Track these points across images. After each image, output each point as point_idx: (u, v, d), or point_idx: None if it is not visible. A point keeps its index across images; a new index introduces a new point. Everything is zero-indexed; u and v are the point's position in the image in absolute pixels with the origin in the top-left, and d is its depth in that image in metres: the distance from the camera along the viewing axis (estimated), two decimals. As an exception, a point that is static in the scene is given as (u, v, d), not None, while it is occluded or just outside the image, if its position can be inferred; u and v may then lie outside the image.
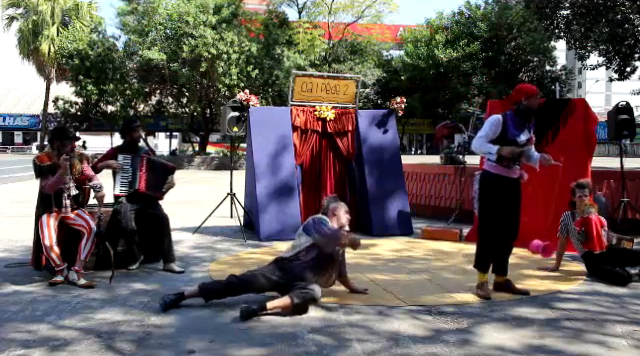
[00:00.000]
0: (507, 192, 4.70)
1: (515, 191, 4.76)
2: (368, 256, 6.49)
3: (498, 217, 4.70)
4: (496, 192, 4.70)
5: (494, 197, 4.71)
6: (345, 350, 3.53)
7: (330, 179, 8.29)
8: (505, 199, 4.70)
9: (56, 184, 5.08)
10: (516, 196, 4.77)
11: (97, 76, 31.03)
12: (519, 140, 4.67)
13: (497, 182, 4.70)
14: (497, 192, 4.70)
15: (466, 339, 3.72)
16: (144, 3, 30.45)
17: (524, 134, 4.71)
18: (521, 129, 4.69)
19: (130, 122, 6.05)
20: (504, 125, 4.65)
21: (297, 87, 8.17)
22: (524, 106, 4.65)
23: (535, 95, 4.69)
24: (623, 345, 3.62)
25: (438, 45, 38.10)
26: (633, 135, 7.99)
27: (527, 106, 4.65)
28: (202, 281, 5.27)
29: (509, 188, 4.71)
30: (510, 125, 4.66)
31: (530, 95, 4.66)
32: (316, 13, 36.57)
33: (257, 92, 26.77)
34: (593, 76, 53.74)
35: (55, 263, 5.05)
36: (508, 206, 4.72)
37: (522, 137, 4.69)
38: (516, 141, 4.65)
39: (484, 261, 4.83)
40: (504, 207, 4.70)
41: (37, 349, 3.53)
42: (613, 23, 16.48)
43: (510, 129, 4.65)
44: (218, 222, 8.37)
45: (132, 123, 5.99)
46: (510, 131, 4.65)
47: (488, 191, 4.75)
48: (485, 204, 4.77)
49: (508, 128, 4.65)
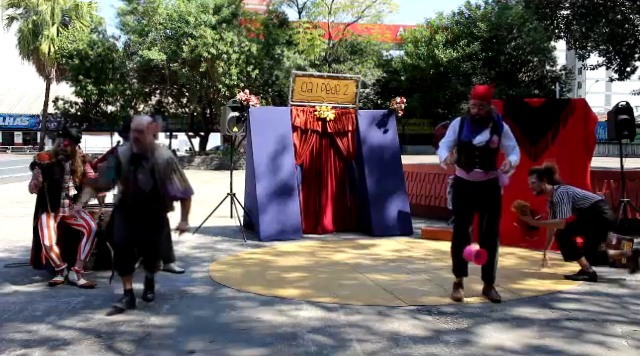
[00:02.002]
0: (471, 195, 4.60)
1: (483, 195, 4.60)
2: (368, 256, 6.50)
3: (461, 219, 4.66)
4: (458, 195, 4.67)
5: (457, 199, 4.68)
6: (345, 350, 3.53)
7: (330, 179, 8.29)
8: (469, 202, 4.62)
9: (35, 187, 5.07)
10: (486, 201, 4.61)
11: (97, 76, 31.02)
12: (474, 142, 4.55)
13: (459, 185, 4.67)
14: (459, 195, 4.66)
15: (466, 339, 3.72)
16: (144, 3, 30.43)
17: (482, 136, 4.55)
18: (476, 131, 4.56)
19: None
20: (460, 128, 4.61)
21: (297, 87, 8.17)
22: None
23: (473, 98, 4.56)
24: (623, 345, 3.62)
25: (438, 45, 38.09)
26: (633, 135, 7.98)
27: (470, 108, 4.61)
28: (202, 281, 5.28)
29: (474, 191, 4.59)
30: (465, 127, 4.59)
31: (470, 98, 4.61)
32: (316, 13, 36.53)
33: (257, 92, 26.77)
34: (593, 76, 53.75)
35: (55, 263, 5.05)
36: (474, 210, 4.65)
37: (478, 138, 4.55)
38: (470, 143, 4.55)
39: (455, 264, 4.73)
40: (466, 210, 4.64)
41: (37, 349, 3.53)
42: (613, 23, 16.49)
43: (463, 131, 4.58)
44: (218, 222, 8.36)
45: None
46: (463, 133, 4.58)
47: (453, 193, 4.73)
48: (452, 206, 4.76)
49: (462, 130, 4.59)
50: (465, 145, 4.56)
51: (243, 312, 4.31)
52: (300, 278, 5.44)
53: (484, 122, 4.56)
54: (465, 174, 4.62)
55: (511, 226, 7.15)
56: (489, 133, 4.56)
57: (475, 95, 4.58)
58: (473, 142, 4.54)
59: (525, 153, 7.23)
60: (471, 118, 4.60)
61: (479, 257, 4.49)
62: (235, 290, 4.96)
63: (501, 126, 4.62)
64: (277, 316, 4.20)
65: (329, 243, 7.37)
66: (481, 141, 4.54)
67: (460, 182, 4.67)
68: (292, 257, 6.42)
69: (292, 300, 4.62)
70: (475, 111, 4.55)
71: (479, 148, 4.53)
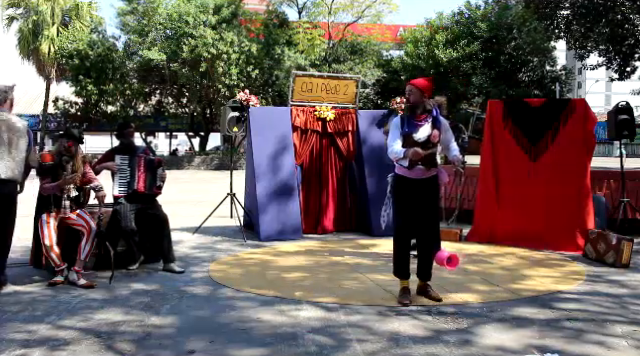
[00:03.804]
0: (411, 193, 4.56)
1: (424, 193, 4.57)
2: (368, 256, 6.50)
3: (401, 218, 4.61)
4: (398, 193, 4.63)
5: (397, 198, 4.65)
6: (345, 350, 3.53)
7: (330, 179, 8.29)
8: (410, 200, 4.58)
9: (53, 190, 5.10)
10: (426, 198, 4.59)
11: (97, 76, 30.99)
12: (415, 137, 4.51)
13: (399, 183, 4.63)
14: (399, 193, 4.63)
15: (466, 339, 3.72)
16: (144, 3, 30.43)
17: (422, 131, 4.51)
18: (416, 126, 4.53)
19: (122, 126, 6.18)
20: (401, 124, 4.59)
21: (297, 87, 8.17)
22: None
23: (408, 90, 4.58)
24: (623, 345, 3.62)
25: (438, 45, 38.05)
26: (633, 135, 7.98)
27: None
28: (202, 281, 5.28)
29: (414, 189, 4.56)
30: (405, 122, 4.57)
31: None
32: (316, 13, 36.50)
33: (257, 92, 26.75)
34: (593, 76, 53.70)
35: (55, 263, 5.05)
36: (415, 208, 4.59)
37: (420, 134, 4.51)
38: (412, 137, 4.51)
39: (396, 266, 4.69)
40: (409, 208, 4.59)
41: (37, 349, 3.53)
42: (613, 23, 16.48)
43: (403, 126, 4.56)
44: (218, 222, 8.36)
45: (124, 127, 6.13)
46: (403, 129, 4.55)
47: (393, 192, 4.70)
48: (393, 205, 4.72)
49: (402, 126, 4.56)
50: (407, 141, 4.52)
51: (243, 312, 4.30)
52: (300, 278, 5.44)
53: (421, 116, 4.54)
54: (406, 171, 4.58)
55: (511, 226, 7.18)
56: (430, 128, 4.54)
57: (409, 82, 4.65)
58: (414, 138, 4.51)
59: (525, 153, 7.27)
60: (409, 113, 4.58)
61: (451, 262, 4.51)
62: (235, 290, 4.96)
63: (439, 120, 4.61)
64: (277, 316, 4.20)
65: (329, 243, 7.37)
66: (423, 136, 4.52)
67: (401, 180, 4.64)
68: (292, 257, 6.42)
69: (292, 300, 4.62)
70: (406, 98, 4.61)
71: (421, 144, 4.49)
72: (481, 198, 7.60)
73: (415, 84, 4.61)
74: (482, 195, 7.57)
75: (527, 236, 6.98)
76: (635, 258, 6.17)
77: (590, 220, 6.91)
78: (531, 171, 7.15)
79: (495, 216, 7.31)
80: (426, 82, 4.64)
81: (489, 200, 7.41)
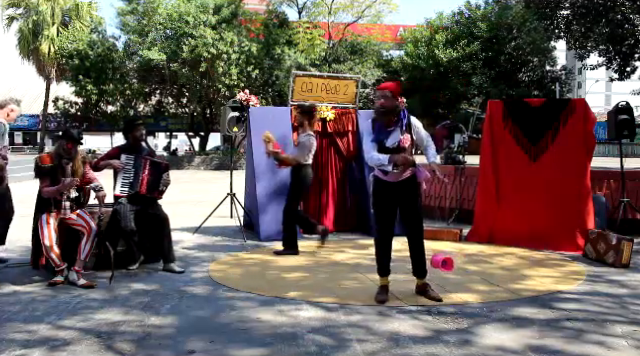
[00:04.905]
0: (390, 195, 4.58)
1: (403, 194, 4.59)
2: (368, 256, 6.48)
3: (380, 219, 4.64)
4: (377, 194, 4.65)
5: (376, 199, 4.66)
6: (345, 350, 3.53)
7: (330, 179, 8.29)
8: (389, 201, 4.60)
9: (53, 194, 5.09)
10: (406, 199, 4.61)
11: (97, 76, 30.98)
12: (387, 144, 4.50)
13: (377, 185, 4.64)
14: (378, 194, 4.64)
15: (466, 339, 3.72)
16: (144, 3, 30.41)
17: (393, 137, 4.51)
18: (387, 132, 4.51)
19: (132, 121, 6.15)
20: (372, 129, 4.57)
21: (297, 87, 8.17)
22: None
23: (377, 90, 4.56)
24: (623, 345, 3.62)
25: (438, 45, 38.06)
26: (633, 135, 7.98)
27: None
28: (202, 281, 5.28)
29: (393, 192, 4.58)
30: (376, 129, 4.55)
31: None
32: (316, 13, 36.50)
33: (257, 92, 26.76)
34: (593, 76, 53.71)
35: (55, 263, 5.05)
36: (396, 209, 4.63)
37: (390, 140, 4.50)
38: (383, 143, 4.50)
39: (378, 264, 4.74)
40: (387, 210, 4.62)
41: (37, 349, 3.53)
42: (613, 23, 16.48)
43: (374, 133, 4.55)
44: (218, 222, 8.36)
45: (133, 121, 6.06)
46: (374, 135, 4.54)
47: (372, 193, 4.71)
48: (373, 206, 4.73)
49: (374, 132, 4.55)
50: (380, 145, 4.51)
51: (243, 312, 4.31)
52: (300, 278, 5.44)
53: (392, 121, 4.51)
54: (382, 175, 4.60)
55: (511, 226, 7.19)
56: (399, 133, 4.52)
57: (379, 87, 4.62)
58: (386, 144, 4.51)
59: (525, 153, 7.27)
60: (379, 119, 4.54)
61: (446, 265, 4.53)
62: (235, 290, 4.96)
63: (408, 121, 4.57)
64: (277, 316, 4.20)
65: (329, 243, 7.36)
66: (393, 142, 4.51)
67: (378, 182, 4.65)
68: (292, 257, 6.42)
69: (292, 300, 4.63)
70: (380, 102, 4.51)
71: (392, 150, 4.49)
72: (481, 198, 7.60)
73: (388, 88, 4.56)
74: (482, 195, 7.57)
75: (527, 236, 6.98)
76: (635, 258, 6.17)
77: (590, 220, 6.91)
78: (531, 171, 7.15)
79: (495, 216, 7.31)
80: (396, 85, 4.62)
81: (489, 200, 7.41)
